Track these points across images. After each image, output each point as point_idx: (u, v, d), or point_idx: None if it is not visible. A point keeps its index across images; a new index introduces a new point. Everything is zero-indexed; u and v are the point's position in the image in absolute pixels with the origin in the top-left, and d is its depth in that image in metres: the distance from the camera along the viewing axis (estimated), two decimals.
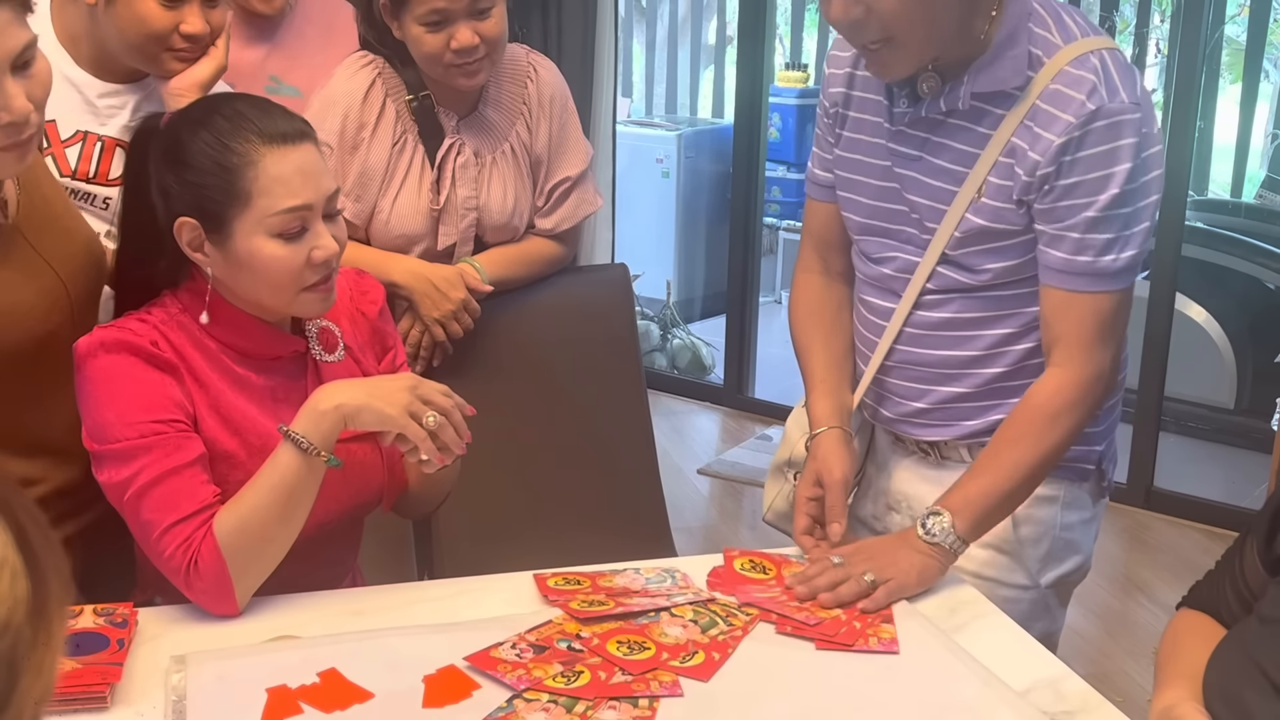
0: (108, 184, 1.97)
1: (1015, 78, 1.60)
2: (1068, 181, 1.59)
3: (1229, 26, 5.71)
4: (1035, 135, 1.59)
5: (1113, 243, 1.60)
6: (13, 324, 1.58)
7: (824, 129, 1.84)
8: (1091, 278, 1.62)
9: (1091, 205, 1.59)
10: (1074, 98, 1.57)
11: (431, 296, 2.19)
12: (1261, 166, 5.96)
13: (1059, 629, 1.86)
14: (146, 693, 1.38)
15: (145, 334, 1.56)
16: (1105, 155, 1.57)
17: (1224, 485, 4.26)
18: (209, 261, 1.57)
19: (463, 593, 1.64)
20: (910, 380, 1.79)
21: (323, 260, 1.56)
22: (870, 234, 1.79)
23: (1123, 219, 1.60)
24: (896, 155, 1.71)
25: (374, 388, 1.56)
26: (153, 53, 1.92)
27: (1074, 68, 1.58)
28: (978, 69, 1.62)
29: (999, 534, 1.74)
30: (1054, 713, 1.39)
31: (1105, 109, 1.56)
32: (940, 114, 1.66)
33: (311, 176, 1.55)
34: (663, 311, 5.68)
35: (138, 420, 1.52)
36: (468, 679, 1.41)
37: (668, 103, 7.20)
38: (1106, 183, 1.58)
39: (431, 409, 1.55)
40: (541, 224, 2.33)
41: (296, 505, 1.53)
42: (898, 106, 1.69)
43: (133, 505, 1.53)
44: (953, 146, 1.66)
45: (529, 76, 2.28)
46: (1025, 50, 1.60)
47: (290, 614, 1.55)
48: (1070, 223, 1.60)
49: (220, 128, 1.54)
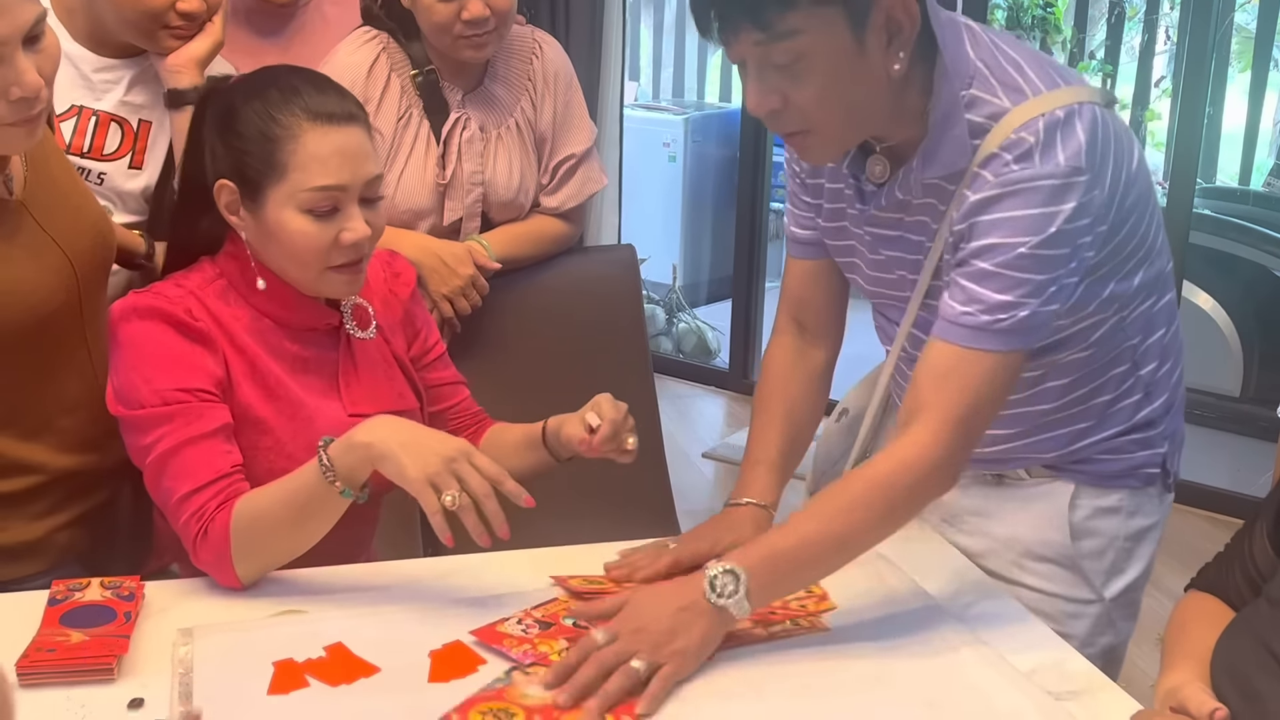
0: (102, 159, 1.97)
1: (960, 159, 1.46)
2: (976, 244, 1.44)
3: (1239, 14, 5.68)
4: (963, 196, 1.47)
5: (1006, 305, 1.43)
6: (17, 301, 1.58)
7: (798, 188, 1.72)
8: (973, 331, 1.44)
9: (991, 260, 1.43)
10: (1001, 159, 1.42)
11: (440, 272, 2.19)
12: (1270, 154, 5.94)
13: (1125, 643, 1.75)
14: (153, 665, 1.39)
15: (180, 300, 1.57)
16: (1020, 220, 1.42)
17: (1230, 473, 4.25)
18: (243, 226, 1.59)
19: (468, 569, 1.64)
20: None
21: (351, 243, 1.56)
22: (880, 298, 1.69)
23: (1028, 285, 1.43)
24: (875, 236, 1.60)
25: (412, 439, 1.46)
26: (149, 29, 1.92)
27: (1018, 132, 1.42)
28: (923, 155, 1.49)
29: (1058, 547, 1.67)
30: (1058, 692, 1.39)
31: (1032, 172, 1.41)
32: (900, 200, 1.55)
33: (351, 159, 1.56)
34: (668, 295, 5.67)
35: (163, 387, 1.53)
36: (473, 654, 1.41)
37: (675, 86, 7.18)
38: (1013, 245, 1.42)
39: (464, 488, 1.42)
40: (547, 202, 2.33)
41: (309, 520, 1.52)
42: (866, 186, 1.59)
43: (154, 471, 1.54)
44: (927, 224, 1.54)
45: (534, 53, 2.28)
46: (964, 128, 1.45)
47: (297, 589, 1.56)
48: (967, 270, 1.45)
49: (272, 98, 1.56)
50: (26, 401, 1.63)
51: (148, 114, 2.01)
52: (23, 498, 1.64)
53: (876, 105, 1.46)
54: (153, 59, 1.98)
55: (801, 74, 1.40)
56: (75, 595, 1.46)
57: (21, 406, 1.63)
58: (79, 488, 1.68)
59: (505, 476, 1.45)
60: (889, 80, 1.43)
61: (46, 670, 1.34)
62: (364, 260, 1.61)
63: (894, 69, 1.43)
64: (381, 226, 1.62)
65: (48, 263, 1.62)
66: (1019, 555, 1.71)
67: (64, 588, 1.48)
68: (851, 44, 1.39)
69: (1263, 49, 5.72)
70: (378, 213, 1.61)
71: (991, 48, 1.48)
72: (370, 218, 1.59)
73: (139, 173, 2.01)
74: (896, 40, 1.41)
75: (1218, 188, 5.71)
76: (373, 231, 1.59)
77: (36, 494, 1.65)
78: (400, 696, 1.34)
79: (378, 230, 1.61)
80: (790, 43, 1.38)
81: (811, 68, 1.39)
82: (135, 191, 2.00)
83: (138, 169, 2.01)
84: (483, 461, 1.45)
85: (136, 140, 2.01)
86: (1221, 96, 5.21)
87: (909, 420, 1.48)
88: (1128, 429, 1.67)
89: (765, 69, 1.41)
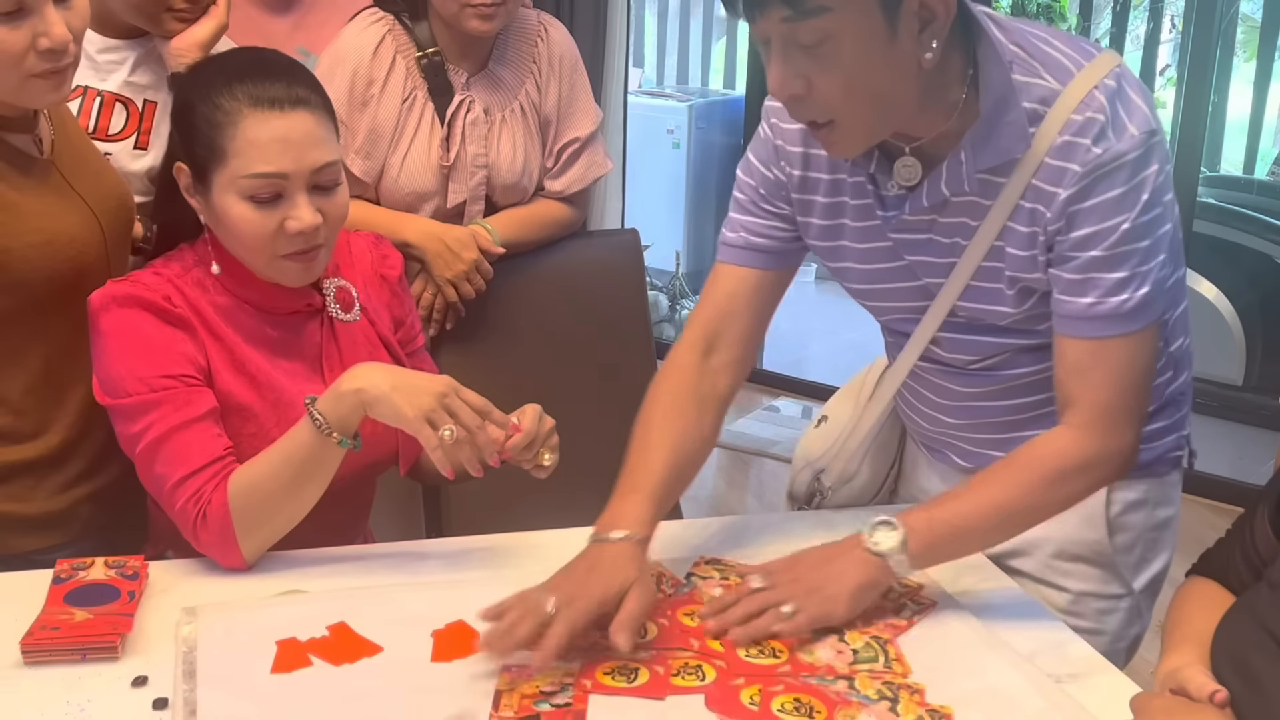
0: (108, 139, 1.98)
1: (1019, 146, 1.43)
2: (1080, 234, 1.43)
3: (1244, 3, 5.67)
4: (1048, 194, 1.44)
5: (1124, 282, 1.44)
6: (56, 251, 1.60)
7: (757, 196, 1.62)
8: (1102, 321, 1.45)
9: (1099, 245, 1.43)
10: (1080, 144, 1.41)
11: (444, 256, 2.19)
12: (1275, 143, 5.93)
13: (1146, 629, 1.74)
14: (157, 644, 1.39)
15: (158, 288, 1.56)
16: (1116, 200, 1.42)
17: (1232, 461, 4.25)
18: (201, 210, 1.59)
19: (471, 550, 1.65)
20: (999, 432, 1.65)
21: (296, 231, 1.55)
22: (888, 313, 1.65)
23: (1137, 255, 1.44)
24: (900, 242, 1.55)
25: (402, 381, 1.50)
26: (153, 12, 1.93)
27: (1079, 112, 1.41)
28: (975, 144, 1.44)
29: (1094, 546, 1.65)
30: (1059, 675, 1.39)
31: (1113, 150, 1.40)
32: (942, 199, 1.50)
33: (294, 146, 1.53)
34: (672, 282, 5.67)
35: (148, 375, 1.53)
36: (476, 634, 1.41)
37: (679, 73, 7.17)
38: (1117, 224, 1.42)
39: (456, 422, 1.47)
40: (551, 186, 2.33)
41: (308, 480, 1.53)
42: (887, 190, 1.52)
43: (145, 458, 1.54)
44: (966, 224, 1.50)
45: (539, 36, 2.28)
46: (1021, 112, 1.42)
47: (299, 570, 1.56)
48: (1076, 263, 1.45)
49: (217, 83, 1.55)
50: (60, 361, 1.64)
51: (152, 94, 2.01)
52: (49, 465, 1.66)
53: (905, 96, 1.40)
54: (156, 41, 1.98)
55: (827, 57, 1.34)
56: (79, 574, 1.47)
57: (55, 366, 1.64)
58: (100, 458, 1.69)
59: (492, 407, 1.51)
60: (919, 70, 1.38)
61: (51, 648, 1.35)
62: (320, 249, 1.59)
63: (925, 58, 1.37)
64: (340, 214, 1.60)
65: (81, 219, 1.65)
66: (1050, 557, 1.68)
67: (68, 566, 1.48)
68: (882, 28, 1.33)
69: (1268, 38, 5.71)
70: (333, 200, 1.58)
71: (1017, 31, 1.46)
72: (324, 205, 1.56)
73: (144, 153, 2.01)
74: (930, 28, 1.36)
75: (1222, 176, 5.70)
76: (327, 219, 1.57)
77: (61, 461, 1.67)
78: (403, 676, 1.35)
79: (334, 218, 1.58)
80: (818, 20, 1.32)
81: (839, 50, 1.34)
82: (140, 172, 2.00)
83: (143, 150, 2.01)
84: (470, 395, 1.50)
85: (141, 121, 2.01)
86: (1226, 85, 5.20)
87: (1061, 412, 1.50)
88: (1160, 407, 1.65)
89: (791, 49, 1.35)
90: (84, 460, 1.69)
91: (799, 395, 5.03)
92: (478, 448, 1.49)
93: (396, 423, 1.48)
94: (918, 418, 1.74)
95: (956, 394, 1.65)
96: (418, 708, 1.30)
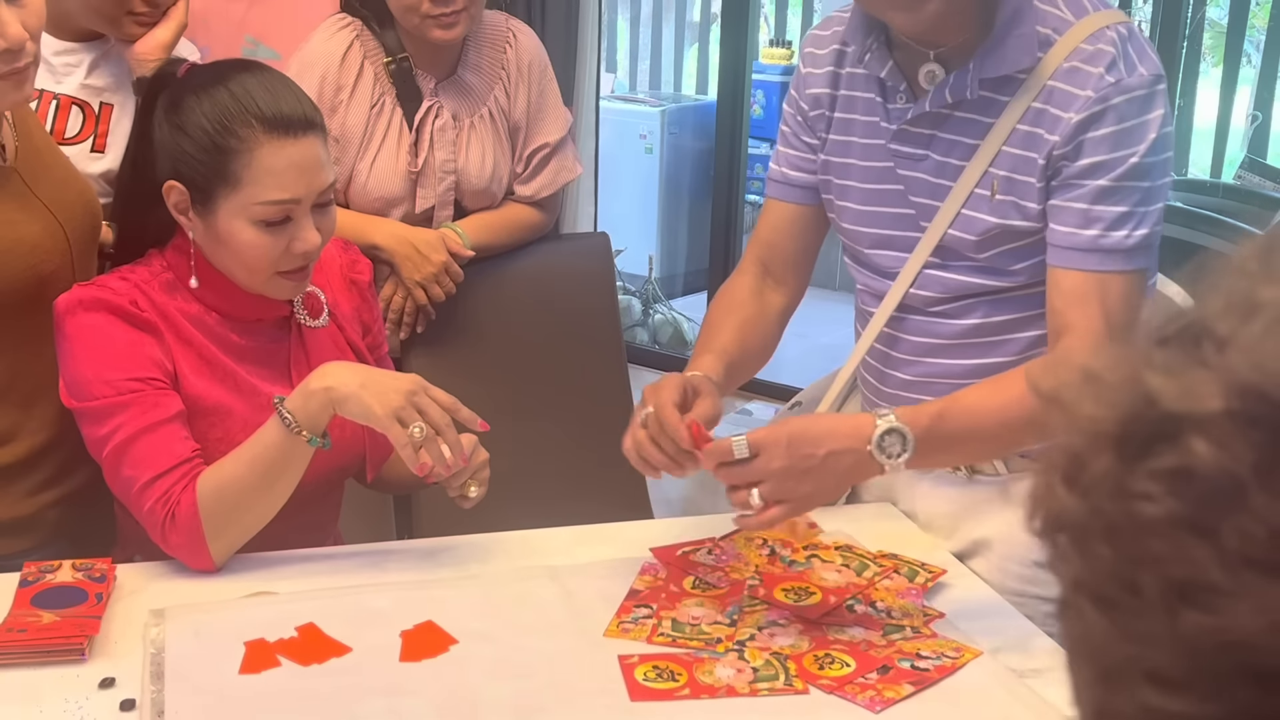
0: (64, 142, 1.97)
1: (1025, 58, 1.49)
2: (1086, 162, 1.48)
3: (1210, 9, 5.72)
4: (1053, 118, 1.48)
5: (1126, 217, 1.48)
6: (17, 260, 1.59)
7: (797, 127, 1.70)
8: (1101, 254, 1.48)
9: (1106, 175, 1.47)
10: (1092, 72, 1.46)
11: (413, 259, 2.20)
12: (1241, 148, 5.98)
13: None
14: (124, 646, 1.39)
15: (125, 293, 1.56)
16: (1125, 132, 1.46)
17: None
18: (191, 227, 1.58)
19: (438, 551, 1.65)
20: (940, 394, 1.58)
21: (302, 252, 1.56)
22: (877, 246, 1.65)
23: (1139, 193, 1.48)
24: (899, 156, 1.59)
25: (371, 379, 1.51)
26: (114, 15, 1.93)
27: (1090, 43, 1.47)
28: (983, 53, 1.50)
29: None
30: (1022, 670, 1.40)
31: (1125, 83, 1.46)
32: (946, 107, 1.54)
33: (307, 171, 1.54)
34: (644, 287, 5.68)
35: (115, 378, 1.53)
36: (444, 634, 1.42)
37: (652, 78, 7.18)
38: (1124, 157, 1.47)
39: (425, 420, 1.48)
40: (521, 191, 2.34)
41: (277, 479, 1.53)
42: (893, 103, 1.58)
43: (112, 461, 1.54)
44: (963, 142, 1.55)
45: (508, 42, 2.29)
46: (1033, 29, 1.49)
47: (268, 571, 1.56)
48: (1079, 192, 1.48)
49: (224, 104, 1.52)
50: (27, 367, 1.64)
51: (109, 96, 2.01)
52: (16, 471, 1.65)
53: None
54: (116, 45, 1.98)
55: None
56: (46, 577, 1.47)
57: (22, 372, 1.64)
58: (69, 462, 1.69)
59: (459, 405, 1.52)
60: None
61: (17, 650, 1.35)
62: (311, 264, 1.60)
63: None
64: (332, 228, 1.62)
65: (44, 227, 1.64)
66: (1001, 559, 1.65)
67: (35, 569, 1.48)
68: None
69: (1234, 44, 5.76)
70: (329, 215, 1.60)
71: None
72: (321, 223, 1.58)
73: (101, 156, 2.01)
74: None
75: (1189, 180, 5.74)
76: (323, 235, 1.58)
77: (30, 466, 1.66)
78: (371, 676, 1.36)
79: (328, 234, 1.60)
80: None
81: None
82: (97, 175, 1.99)
83: (100, 153, 2.01)
84: (437, 393, 1.51)
85: (98, 124, 2.00)
86: (1193, 90, 5.24)
87: (1052, 345, 1.52)
88: None
89: None
90: (53, 465, 1.68)
91: (772, 399, 5.04)
92: (448, 444, 1.50)
93: (366, 420, 1.49)
94: (870, 375, 1.73)
95: (913, 345, 1.65)
96: (386, 708, 1.30)
